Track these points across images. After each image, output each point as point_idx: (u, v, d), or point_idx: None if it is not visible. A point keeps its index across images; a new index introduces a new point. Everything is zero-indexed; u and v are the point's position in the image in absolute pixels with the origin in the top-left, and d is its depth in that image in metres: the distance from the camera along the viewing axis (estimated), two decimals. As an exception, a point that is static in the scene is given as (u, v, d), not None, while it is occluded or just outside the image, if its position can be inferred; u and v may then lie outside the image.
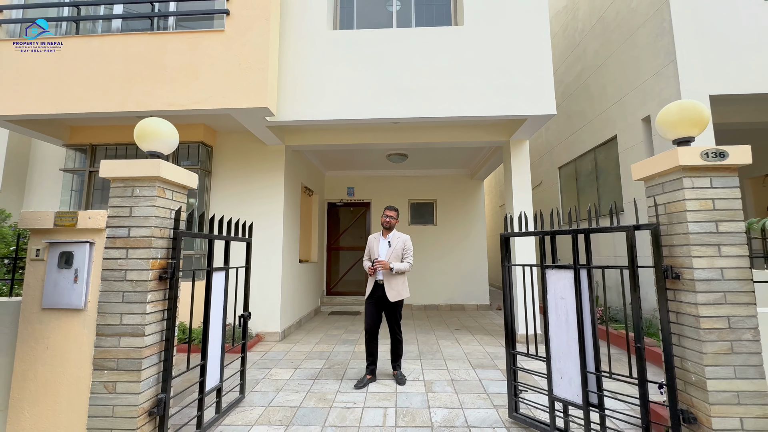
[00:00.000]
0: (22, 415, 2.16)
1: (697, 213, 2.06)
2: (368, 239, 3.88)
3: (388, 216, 3.75)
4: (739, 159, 2.06)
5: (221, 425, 2.80)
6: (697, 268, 2.03)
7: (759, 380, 1.95)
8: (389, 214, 3.76)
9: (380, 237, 3.82)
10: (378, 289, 3.64)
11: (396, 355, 3.74)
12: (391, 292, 3.58)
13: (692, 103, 2.20)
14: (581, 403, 2.38)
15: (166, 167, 2.31)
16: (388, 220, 3.75)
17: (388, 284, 3.59)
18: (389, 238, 3.76)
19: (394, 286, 3.61)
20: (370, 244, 3.82)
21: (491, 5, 4.64)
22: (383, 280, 3.61)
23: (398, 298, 3.61)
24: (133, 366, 2.15)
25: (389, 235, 3.77)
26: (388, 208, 3.80)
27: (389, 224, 3.75)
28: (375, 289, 3.65)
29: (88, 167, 5.39)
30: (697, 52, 4.51)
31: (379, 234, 3.85)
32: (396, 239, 3.74)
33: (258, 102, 4.22)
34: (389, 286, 3.59)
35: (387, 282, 3.60)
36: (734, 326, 1.98)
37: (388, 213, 3.77)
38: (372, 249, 3.77)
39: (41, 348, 2.20)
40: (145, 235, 2.24)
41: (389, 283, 3.60)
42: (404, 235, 3.79)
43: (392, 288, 3.60)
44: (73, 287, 2.21)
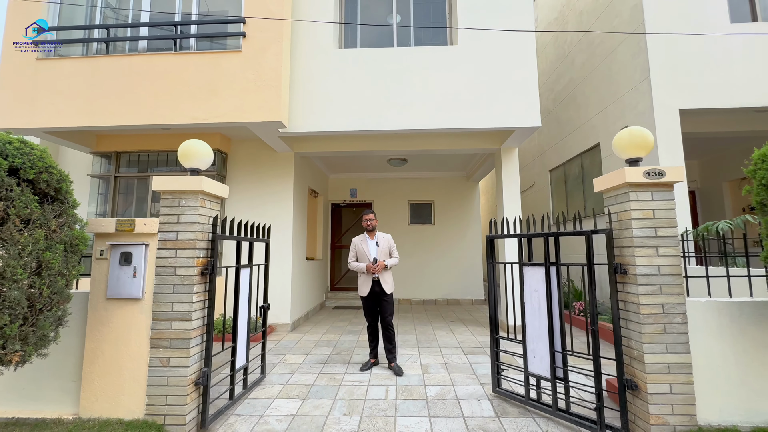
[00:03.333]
0: (93, 384, 2.66)
1: (640, 221, 2.55)
2: (353, 241, 4.21)
3: (368, 220, 4.15)
4: (675, 177, 2.54)
5: (248, 399, 3.31)
6: (639, 266, 2.52)
7: (685, 354, 2.44)
8: (369, 218, 4.15)
9: (367, 239, 4.16)
10: (375, 285, 4.03)
11: (391, 345, 4.03)
12: (386, 285, 4.02)
13: (640, 130, 2.69)
14: (550, 376, 2.88)
15: (207, 182, 2.80)
16: (370, 223, 4.14)
17: (383, 279, 4.02)
18: (376, 238, 4.14)
19: (387, 279, 4.05)
20: (357, 246, 4.16)
21: (484, 27, 5.10)
22: (379, 277, 4.02)
23: (392, 289, 4.08)
24: (183, 345, 2.64)
25: (375, 237, 4.15)
26: (365, 212, 4.20)
27: (372, 226, 4.14)
28: (372, 286, 4.03)
29: (113, 173, 5.87)
30: (669, 70, 4.99)
31: (364, 236, 4.18)
32: (382, 239, 4.14)
33: (272, 116, 4.70)
34: (384, 280, 4.02)
35: (382, 278, 4.02)
36: (667, 312, 2.48)
37: (368, 217, 4.16)
38: (361, 250, 4.12)
39: (107, 330, 2.70)
40: (190, 238, 2.73)
41: (384, 279, 4.02)
42: (386, 234, 4.22)
43: (386, 282, 4.04)
44: (133, 281, 2.70)
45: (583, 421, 2.69)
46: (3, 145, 1.94)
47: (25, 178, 2.01)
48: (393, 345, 4.07)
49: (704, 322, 2.53)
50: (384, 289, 4.02)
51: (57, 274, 2.12)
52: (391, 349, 4.05)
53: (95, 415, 2.65)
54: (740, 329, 2.54)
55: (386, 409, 3.11)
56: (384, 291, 4.03)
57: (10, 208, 1.90)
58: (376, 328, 4.18)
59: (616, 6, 5.76)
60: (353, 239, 4.22)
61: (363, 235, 4.21)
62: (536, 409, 3.00)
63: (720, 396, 2.48)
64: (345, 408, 3.13)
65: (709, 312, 2.55)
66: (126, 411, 2.63)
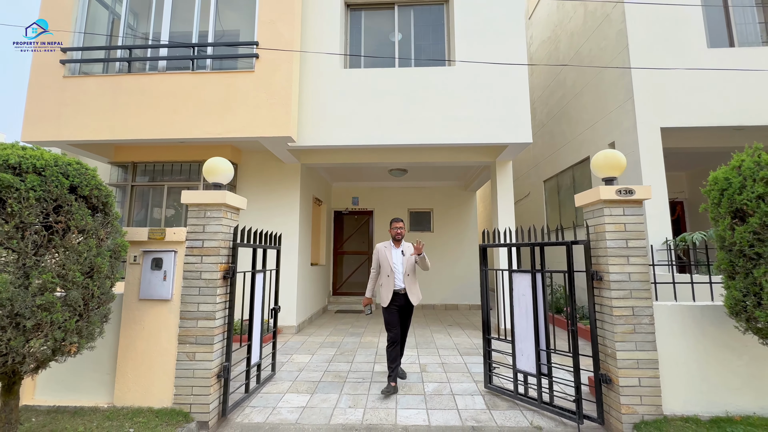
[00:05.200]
0: (127, 376, 2.98)
1: (613, 233, 2.89)
2: (377, 249, 3.93)
3: (397, 228, 3.87)
4: (643, 195, 2.89)
5: (261, 393, 3.62)
6: (612, 273, 2.85)
7: (653, 351, 2.77)
8: (399, 226, 3.88)
9: (392, 246, 3.89)
10: (398, 298, 3.74)
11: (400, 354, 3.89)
12: (413, 297, 3.78)
13: (614, 153, 3.04)
14: (536, 373, 3.20)
15: (229, 196, 3.14)
16: (399, 232, 3.86)
17: (410, 290, 3.76)
18: (402, 248, 3.90)
19: (414, 291, 3.80)
20: (381, 254, 3.86)
21: (480, 50, 5.49)
22: (405, 288, 3.74)
23: (419, 300, 3.86)
24: (207, 341, 2.96)
25: (401, 246, 3.91)
26: (395, 220, 3.93)
27: (401, 235, 3.87)
28: (395, 298, 3.74)
29: (130, 181, 6.21)
30: (651, 91, 5.36)
31: (389, 243, 3.92)
32: (409, 249, 3.90)
33: (282, 132, 5.06)
34: (410, 291, 3.76)
35: (409, 288, 3.76)
36: (637, 314, 2.80)
37: (397, 225, 3.89)
38: (384, 256, 3.84)
39: (139, 328, 3.02)
40: (214, 246, 3.06)
41: (410, 289, 3.77)
42: (407, 243, 3.99)
43: (413, 293, 3.79)
44: (163, 284, 3.03)
45: (565, 412, 3.00)
46: (65, 166, 2.28)
47: (81, 194, 2.35)
48: (401, 353, 3.97)
49: (669, 324, 2.87)
50: (410, 301, 3.77)
51: (105, 277, 2.45)
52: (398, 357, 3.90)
53: (128, 404, 2.96)
54: (702, 330, 2.86)
55: (387, 402, 3.42)
56: (410, 303, 3.78)
57: (70, 221, 2.23)
58: (398, 346, 3.77)
59: (604, 29, 6.16)
60: (377, 245, 3.97)
61: (388, 242, 3.95)
62: (524, 403, 3.32)
63: (683, 389, 2.81)
64: (350, 401, 3.44)
65: (674, 314, 2.88)
66: (156, 400, 2.95)
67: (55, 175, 2.19)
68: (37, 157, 2.17)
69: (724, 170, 2.49)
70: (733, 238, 2.36)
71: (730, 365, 2.82)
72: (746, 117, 5.22)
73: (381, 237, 9.26)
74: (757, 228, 2.21)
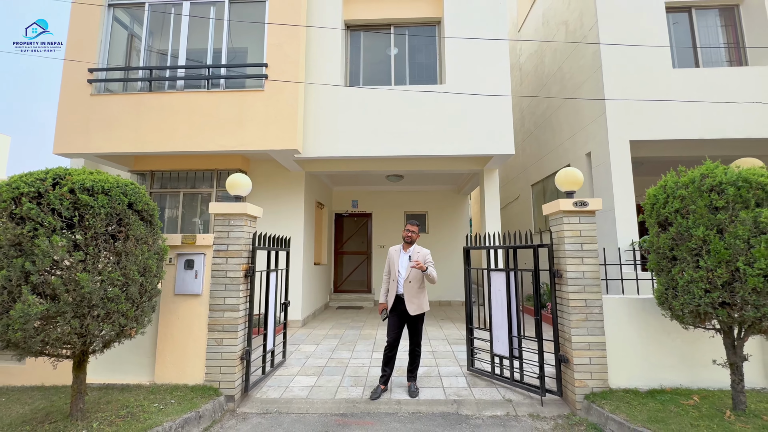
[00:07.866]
0: (165, 358, 3.56)
1: (570, 238, 3.47)
2: (389, 252, 3.86)
3: (409, 231, 3.74)
4: (595, 206, 3.47)
5: (275, 375, 4.20)
6: (570, 271, 3.43)
7: (601, 336, 3.36)
8: (411, 229, 3.74)
9: (401, 250, 3.79)
10: (399, 303, 3.67)
11: (413, 366, 3.76)
12: (410, 305, 3.58)
13: (573, 171, 3.62)
14: (509, 355, 3.79)
15: (249, 207, 3.71)
16: (409, 235, 3.73)
17: (407, 298, 3.59)
18: (410, 252, 3.73)
19: (413, 299, 3.59)
20: (391, 256, 3.80)
21: (468, 71, 6.07)
22: (403, 294, 3.61)
23: (419, 311, 3.61)
24: (233, 329, 3.54)
25: (410, 249, 3.75)
26: (410, 222, 3.78)
27: (411, 239, 3.73)
28: (396, 302, 3.69)
29: (148, 189, 6.77)
30: (621, 107, 5.95)
31: (399, 247, 3.84)
32: (416, 254, 3.69)
33: (290, 145, 5.63)
34: (408, 299, 3.58)
35: (407, 296, 3.60)
36: (589, 305, 3.39)
37: (410, 228, 3.75)
38: (392, 262, 3.76)
39: (174, 318, 3.60)
40: (237, 249, 3.64)
41: (409, 297, 3.59)
42: (424, 250, 3.76)
43: (411, 302, 3.59)
44: (194, 281, 3.61)
45: (532, 388, 3.59)
46: (124, 186, 2.85)
47: (136, 209, 2.93)
48: (416, 365, 3.77)
49: (616, 313, 3.46)
50: (407, 310, 3.57)
51: (153, 275, 3.02)
52: (413, 369, 3.77)
53: (166, 382, 3.54)
54: (643, 319, 3.46)
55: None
56: (407, 312, 3.58)
57: (129, 230, 2.81)
58: (395, 351, 3.72)
59: (581, 49, 6.74)
60: (390, 248, 3.90)
61: (399, 245, 3.86)
62: (499, 381, 3.91)
63: (627, 367, 3.40)
64: (351, 381, 4.03)
65: (620, 305, 3.48)
66: (190, 378, 3.53)
67: (118, 195, 2.76)
68: (104, 181, 2.74)
69: (655, 188, 3.08)
70: (659, 243, 2.95)
71: (665, 347, 3.41)
72: (707, 131, 5.81)
73: (379, 238, 9.84)
74: (675, 235, 2.80)
